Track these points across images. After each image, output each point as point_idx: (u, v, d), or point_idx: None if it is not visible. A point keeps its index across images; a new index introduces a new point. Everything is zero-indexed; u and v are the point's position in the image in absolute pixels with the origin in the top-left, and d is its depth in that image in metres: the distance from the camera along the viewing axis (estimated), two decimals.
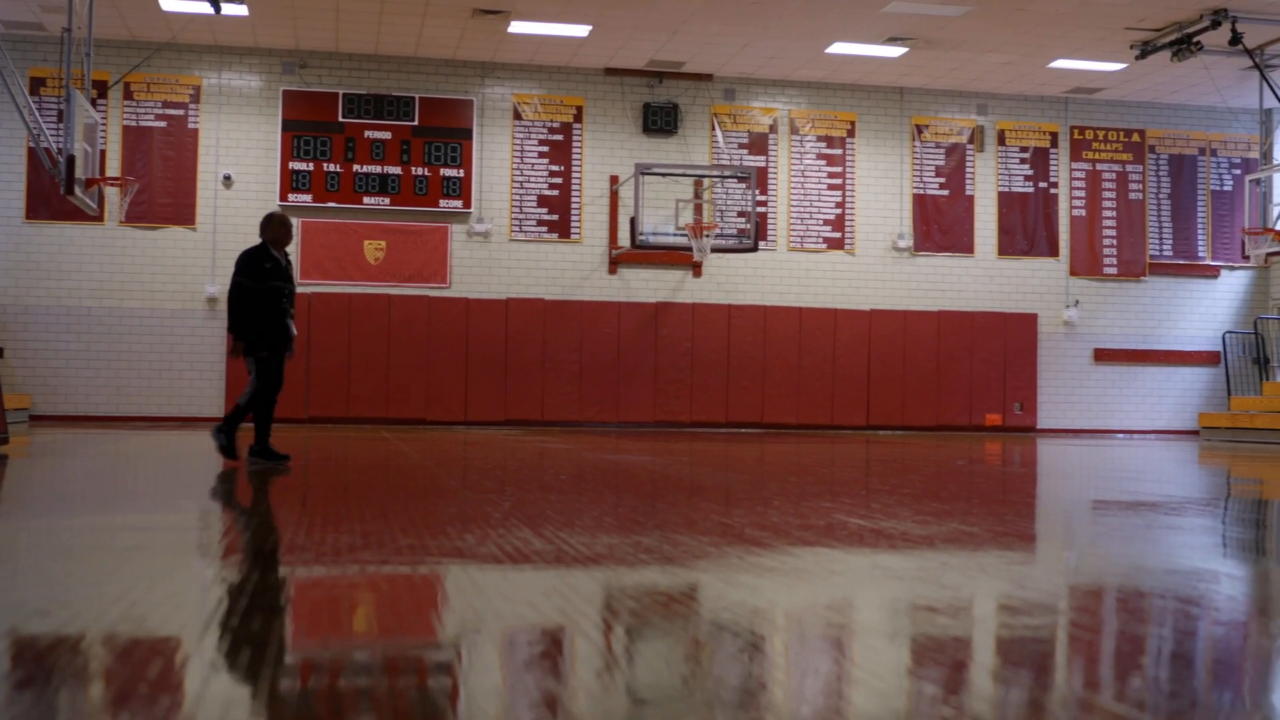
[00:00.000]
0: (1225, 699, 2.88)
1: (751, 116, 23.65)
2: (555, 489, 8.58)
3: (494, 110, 22.92)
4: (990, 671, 3.07)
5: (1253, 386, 24.81)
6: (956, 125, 24.31)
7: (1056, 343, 24.64)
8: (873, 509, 7.09)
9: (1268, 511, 8.33)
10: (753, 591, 4.19)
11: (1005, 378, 24.31)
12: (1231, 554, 5.89)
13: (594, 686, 2.86)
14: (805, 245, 23.76)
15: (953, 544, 5.60)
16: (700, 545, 5.30)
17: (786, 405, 23.54)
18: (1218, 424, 23.10)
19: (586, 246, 23.16)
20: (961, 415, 24.12)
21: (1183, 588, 4.55)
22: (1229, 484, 11.00)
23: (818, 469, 11.80)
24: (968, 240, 24.31)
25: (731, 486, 9.23)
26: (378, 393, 22.24)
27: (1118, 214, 24.79)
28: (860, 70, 22.95)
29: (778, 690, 2.87)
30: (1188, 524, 7.03)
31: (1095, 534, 6.52)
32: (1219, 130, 25.11)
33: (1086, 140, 24.71)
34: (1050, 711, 2.65)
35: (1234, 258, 24.99)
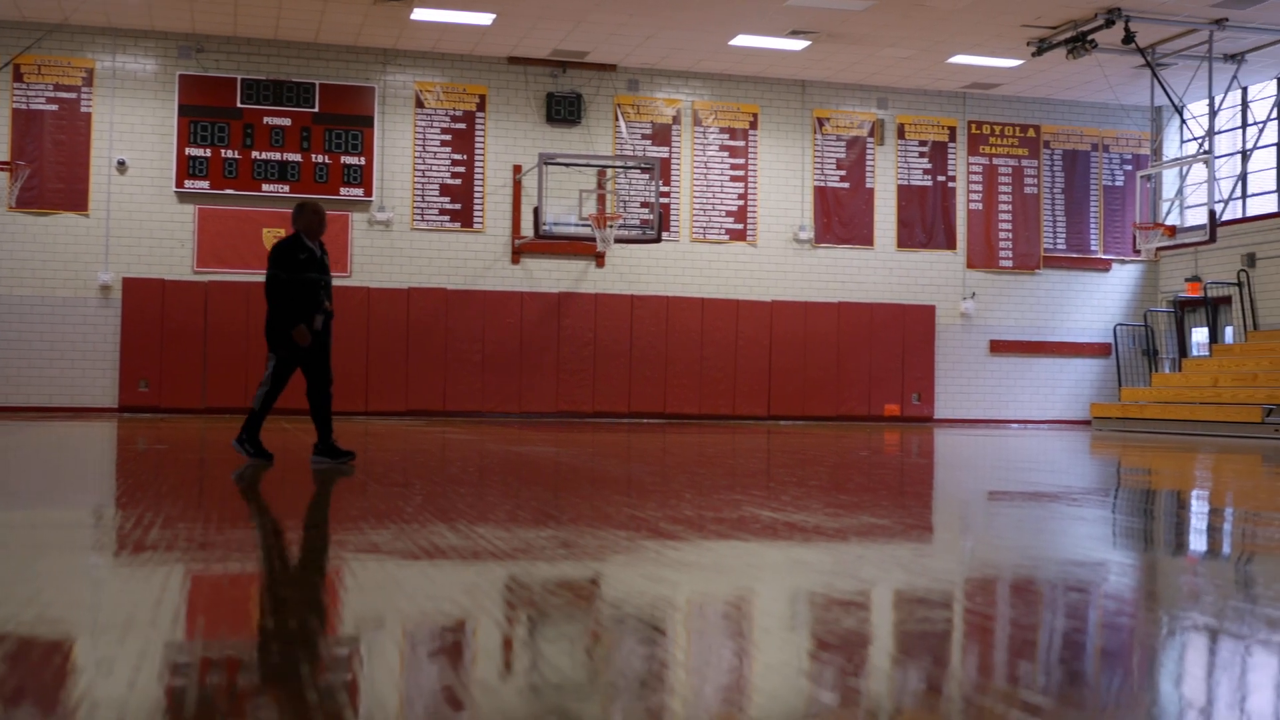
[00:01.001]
0: (1114, 684, 2.94)
1: (655, 107, 23.69)
2: (464, 482, 8.53)
3: (396, 98, 22.71)
4: (910, 661, 3.11)
5: (1142, 377, 25.41)
6: (857, 119, 24.56)
7: (953, 334, 25.02)
8: (783, 501, 7.15)
9: (1157, 501, 8.53)
10: (674, 586, 4.20)
11: (903, 368, 24.64)
12: (1124, 543, 6.03)
13: (518, 681, 2.85)
14: (708, 236, 23.87)
15: (865, 537, 5.67)
16: (616, 539, 5.30)
17: (688, 396, 23.64)
18: (1109, 414, 23.61)
19: (489, 236, 23.06)
20: (861, 406, 24.40)
21: (1079, 577, 4.65)
22: (1120, 474, 11.24)
23: (723, 460, 11.87)
24: (867, 233, 24.58)
25: (640, 479, 9.25)
26: None
27: (1013, 208, 25.22)
28: (763, 63, 23.09)
29: (704, 686, 2.88)
30: (1083, 514, 7.18)
31: (998, 525, 6.63)
32: (1111, 127, 25.65)
33: (984, 135, 25.11)
34: (967, 697, 2.69)
35: (1125, 252, 25.56)
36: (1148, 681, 3.04)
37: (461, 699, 2.70)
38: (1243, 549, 5.89)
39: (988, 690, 2.84)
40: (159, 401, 21.57)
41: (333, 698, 2.69)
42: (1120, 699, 2.83)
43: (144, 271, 21.68)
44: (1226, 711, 2.75)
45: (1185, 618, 3.77)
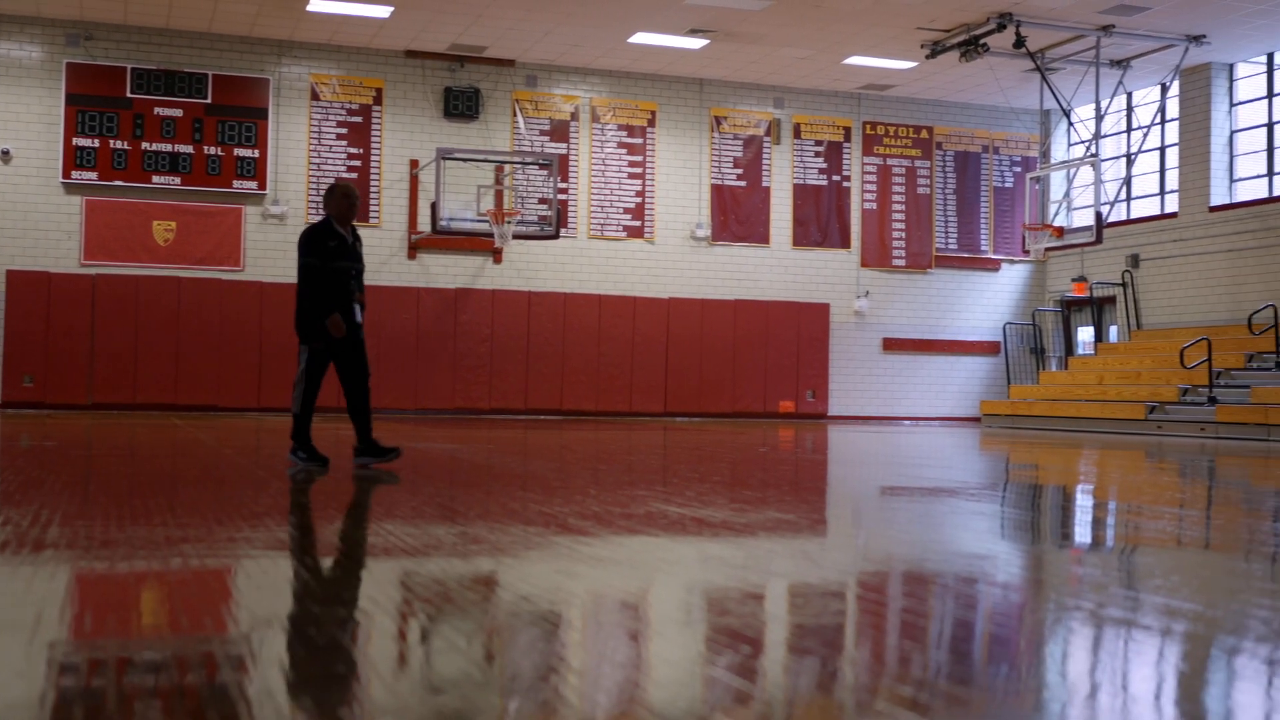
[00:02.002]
0: (1002, 671, 3.01)
1: (553, 104, 23.65)
2: (368, 478, 8.45)
3: (291, 90, 22.40)
4: (826, 651, 3.16)
5: (1030, 375, 25.92)
6: (754, 118, 24.74)
7: (847, 332, 25.31)
8: (687, 497, 7.18)
9: (1045, 495, 8.73)
10: (589, 581, 4.21)
11: (798, 366, 24.87)
12: (1013, 536, 6.16)
13: (422, 677, 2.84)
14: (605, 233, 23.89)
15: (773, 532, 5.72)
16: (526, 535, 5.29)
17: (585, 392, 23.64)
18: (998, 411, 24.06)
19: (385, 231, 22.85)
20: (756, 402, 24.59)
21: (972, 569, 4.75)
22: (1009, 470, 11.46)
23: (624, 457, 11.90)
24: (764, 231, 24.77)
25: (543, 475, 9.24)
26: (166, 378, 21.56)
27: (906, 208, 25.58)
28: (661, 60, 23.16)
29: (623, 679, 2.89)
30: (974, 508, 7.32)
31: (898, 519, 6.72)
32: (1001, 129, 26.13)
33: (878, 135, 25.43)
34: (879, 683, 2.74)
35: (1014, 252, 26.05)
36: (1035, 668, 3.11)
37: (359, 696, 2.68)
38: (1126, 541, 6.04)
39: (900, 677, 2.89)
40: (44, 397, 21.05)
41: (227, 697, 2.65)
42: (1008, 685, 2.90)
43: (29, 264, 21.15)
44: (1109, 696, 2.82)
45: (1071, 607, 3.86)
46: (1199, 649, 3.31)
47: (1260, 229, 21.74)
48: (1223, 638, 3.41)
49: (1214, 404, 19.65)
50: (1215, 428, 19.11)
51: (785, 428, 20.83)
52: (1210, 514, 7.55)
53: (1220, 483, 10.26)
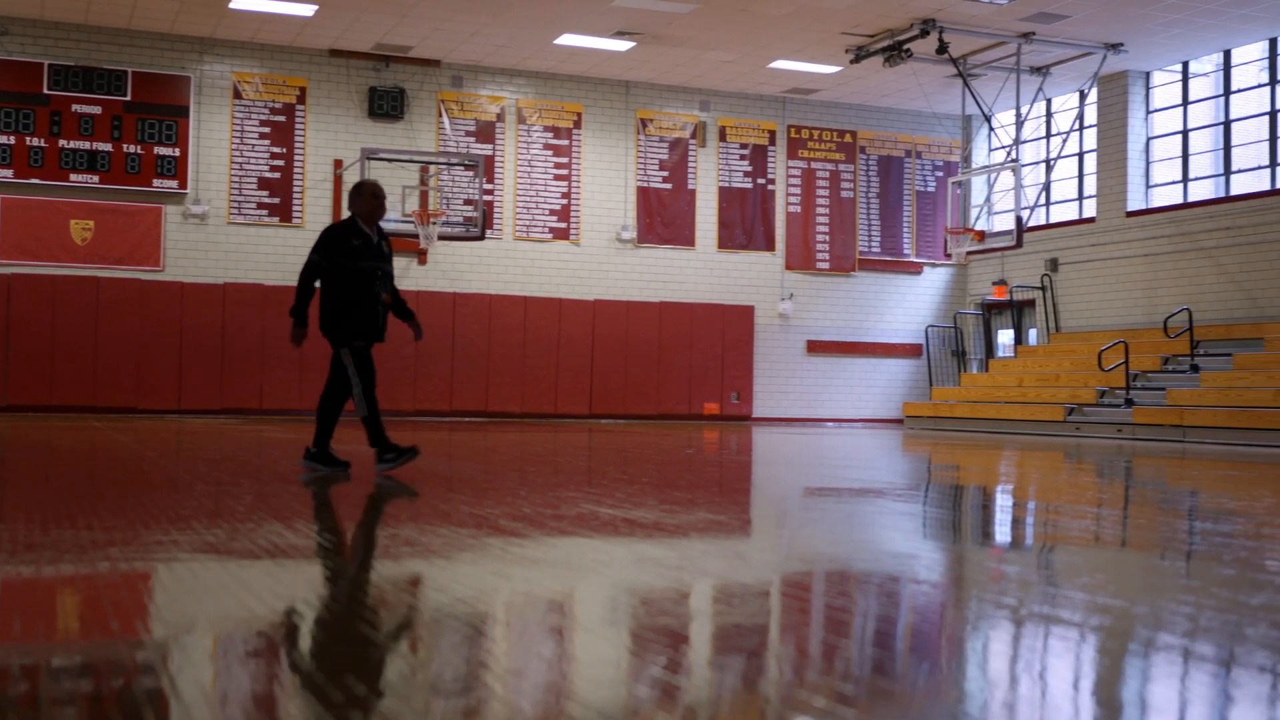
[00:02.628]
0: (924, 667, 3.07)
1: (479, 104, 23.58)
2: (293, 480, 8.38)
3: (213, 88, 22.15)
4: (763, 650, 3.19)
5: (952, 378, 26.23)
6: (680, 120, 24.82)
7: (772, 334, 25.47)
8: (618, 498, 7.20)
9: (965, 496, 8.85)
10: (525, 582, 4.22)
11: (723, 368, 24.98)
12: (935, 535, 6.25)
13: (353, 681, 2.83)
14: (531, 235, 23.86)
15: (706, 532, 5.76)
16: (459, 537, 5.28)
17: (510, 394, 23.59)
18: (920, 413, 24.32)
19: (309, 231, 22.62)
20: (681, 404, 24.67)
21: (900, 568, 4.81)
22: (930, 471, 11.60)
23: (553, 458, 11.90)
24: (689, 233, 24.86)
25: (473, 477, 9.22)
26: (84, 379, 21.22)
27: (830, 211, 25.79)
28: (588, 62, 23.17)
29: (561, 679, 2.91)
30: (900, 509, 7.41)
31: (828, 519, 6.78)
32: (924, 134, 26.42)
33: (802, 139, 25.61)
34: (816, 682, 2.78)
35: (936, 255, 26.35)
36: (957, 663, 3.16)
37: (285, 700, 2.67)
38: (1046, 539, 6.15)
39: (830, 673, 2.93)
40: None
41: (149, 703, 2.63)
42: (931, 680, 2.95)
43: None
44: (1030, 690, 2.87)
45: (993, 604, 3.92)
46: (1117, 644, 3.38)
47: (1175, 234, 22.16)
48: (1140, 633, 3.49)
49: (1131, 406, 20.00)
50: (1132, 429, 19.45)
51: (710, 429, 20.92)
52: (1127, 513, 7.69)
53: (1137, 483, 10.46)
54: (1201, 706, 2.78)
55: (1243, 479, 10.57)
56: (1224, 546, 5.65)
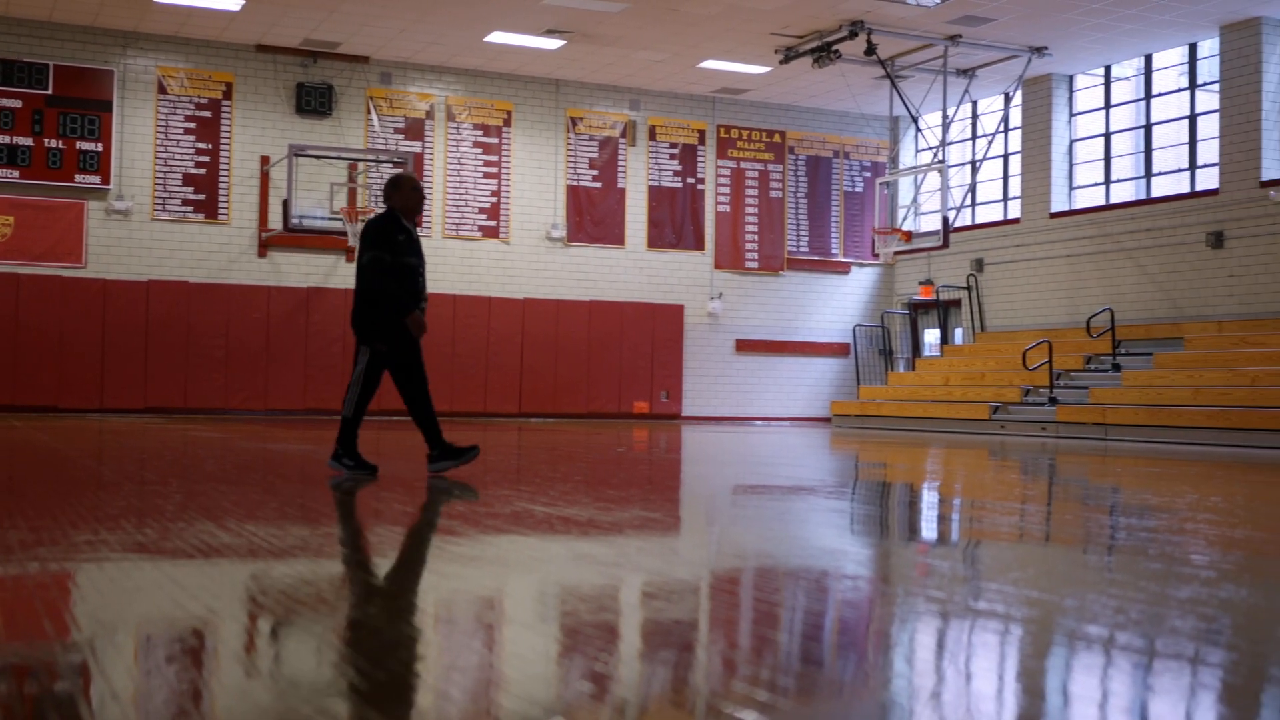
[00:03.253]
0: (851, 662, 3.11)
1: (408, 102, 23.46)
2: (223, 479, 8.30)
3: (137, 83, 21.85)
4: (699, 644, 3.22)
5: (879, 376, 26.47)
6: (610, 119, 24.84)
7: (701, 333, 25.56)
8: (552, 496, 7.21)
9: (892, 493, 8.95)
10: (463, 580, 4.21)
11: (652, 366, 25.04)
12: (862, 531, 6.32)
13: (284, 682, 2.82)
14: (460, 233, 23.78)
15: (642, 529, 5.78)
16: (394, 535, 5.27)
17: (439, 392, 23.26)
18: (848, 411, 24.51)
19: (235, 228, 22.42)
20: (611, 403, 24.69)
21: (829, 564, 4.86)
22: (858, 468, 11.70)
23: (484, 456, 11.86)
24: (619, 232, 24.89)
25: (404, 475, 9.17)
26: (3, 378, 20.87)
27: (759, 211, 25.93)
28: (518, 60, 23.12)
29: (503, 677, 2.91)
30: (829, 506, 7.48)
31: (759, 516, 6.82)
32: (852, 134, 26.63)
33: (732, 139, 25.73)
34: (755, 674, 2.81)
35: (864, 255, 26.57)
36: (884, 656, 3.21)
37: (209, 702, 2.66)
38: (972, 535, 6.23)
39: (768, 666, 2.96)
40: None
41: (70, 703, 2.60)
42: (858, 673, 2.99)
43: None
44: (955, 682, 2.92)
45: (919, 598, 3.98)
46: (1045, 637, 3.44)
47: (1098, 235, 22.51)
48: (1068, 626, 3.55)
49: (1054, 404, 20.29)
50: (1056, 427, 19.73)
51: (640, 428, 20.95)
52: (1051, 509, 7.81)
53: (1061, 480, 10.61)
54: (1129, 697, 2.84)
55: (1164, 476, 10.76)
56: (1149, 541, 5.76)
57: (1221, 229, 20.36)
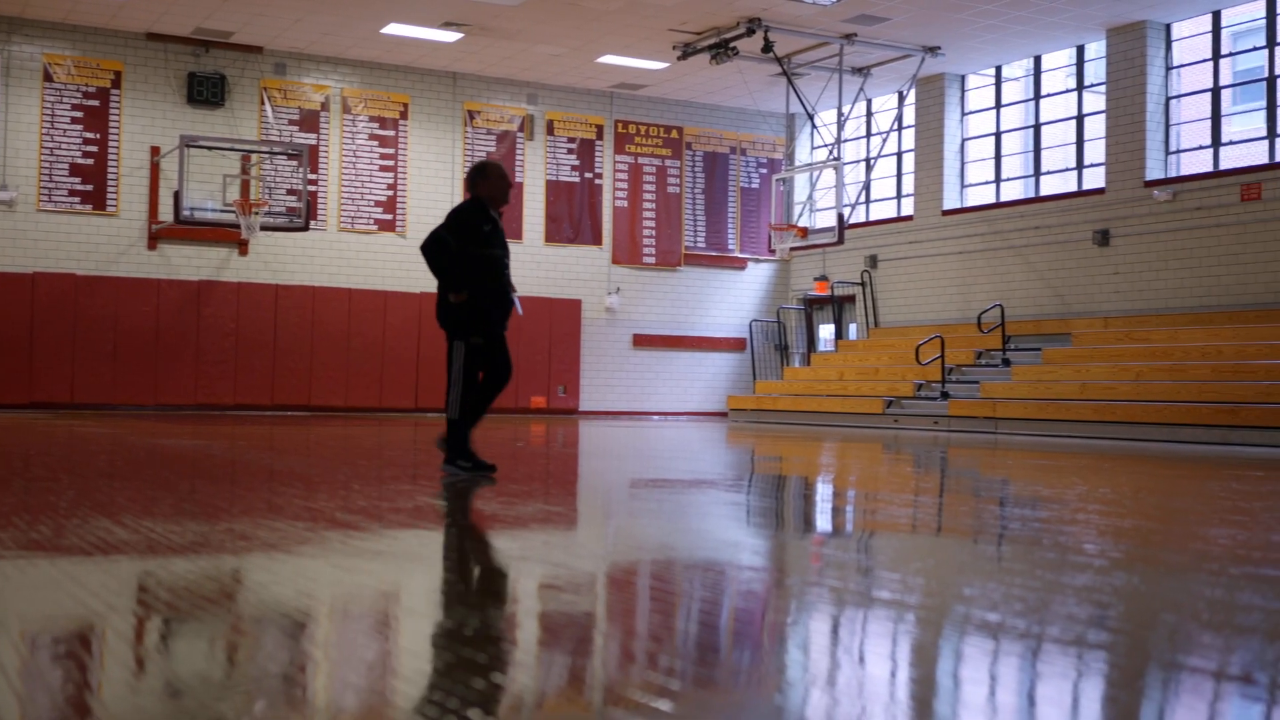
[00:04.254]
0: (746, 653, 3.16)
1: (303, 93, 23.17)
2: (115, 475, 8.16)
3: (21, 70, 21.31)
4: (605, 634, 3.24)
5: (775, 371, 26.70)
6: (508, 113, 24.76)
7: (599, 328, 25.58)
8: (454, 491, 7.18)
9: (788, 486, 9.06)
10: (370, 575, 4.19)
11: (550, 361, 25.01)
12: (758, 524, 6.40)
13: (186, 681, 2.80)
14: (356, 226, 23.55)
15: (546, 524, 5.79)
16: (297, 530, 5.22)
17: (334, 388, 23.25)
18: (744, 406, 24.70)
19: (124, 220, 21.98)
20: (507, 398, 24.59)
21: (729, 557, 4.92)
22: (754, 462, 11.82)
23: (383, 452, 11.78)
24: (516, 227, 24.81)
25: (301, 471, 9.08)
26: None
27: (657, 206, 26.01)
28: (415, 53, 22.95)
29: (407, 669, 2.91)
30: (726, 498, 7.55)
31: (662, 509, 6.86)
32: (749, 131, 26.82)
33: (630, 134, 25.78)
34: (667, 663, 2.84)
35: (760, 251, 26.78)
36: (779, 647, 3.26)
37: (114, 694, 2.63)
38: (866, 527, 6.33)
39: (679, 654, 2.99)
40: None
41: None
42: (754, 662, 3.03)
43: None
44: (849, 671, 2.97)
45: (814, 589, 4.04)
46: (941, 626, 3.51)
47: (988, 232, 22.92)
48: (965, 614, 3.63)
49: (947, 399, 20.63)
50: (948, 421, 20.07)
51: (537, 423, 20.93)
52: (943, 501, 7.96)
53: (953, 472, 10.81)
54: (1021, 680, 2.91)
55: (1053, 468, 11.00)
56: (1043, 532, 5.90)
57: (1107, 227, 20.84)
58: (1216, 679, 2.87)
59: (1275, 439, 15.45)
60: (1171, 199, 19.94)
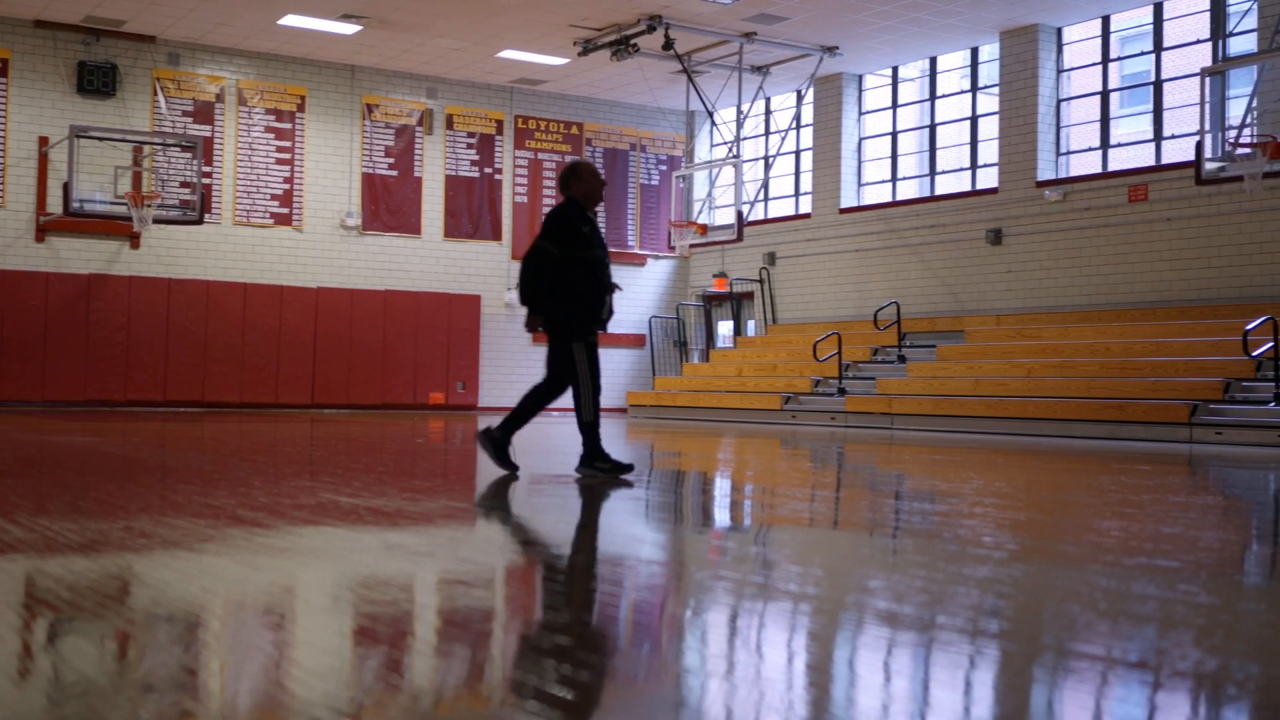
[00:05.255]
0: (645, 648, 3.20)
1: (197, 84, 22.79)
2: (5, 473, 7.98)
3: None
4: (508, 630, 3.26)
5: (674, 367, 26.82)
6: (407, 107, 24.57)
7: (498, 324, 25.50)
8: (356, 487, 7.14)
9: (687, 481, 9.12)
10: (276, 572, 4.16)
11: (449, 357, 24.88)
12: (658, 519, 6.45)
13: (70, 683, 2.77)
14: (252, 220, 23.23)
15: (452, 520, 5.78)
16: (198, 528, 5.15)
17: (229, 383, 22.91)
18: (644, 402, 24.78)
19: (10, 211, 21.47)
20: (406, 394, 24.45)
21: (632, 552, 4.96)
22: (654, 458, 11.87)
23: (281, 448, 11.65)
24: (415, 221, 24.66)
25: (201, 467, 8.96)
26: None
27: (556, 202, 25.92)
28: (312, 44, 22.69)
29: (318, 666, 2.90)
30: (629, 494, 7.59)
31: (563, 505, 6.87)
32: (649, 128, 26.89)
33: (530, 130, 25.72)
34: (577, 654, 2.86)
35: (660, 248, 26.88)
36: (677, 641, 3.30)
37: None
38: (764, 521, 6.41)
39: (590, 647, 3.02)
40: None
41: None
42: (651, 662, 3.07)
43: None
44: (747, 666, 3.02)
45: (712, 585, 4.09)
46: (830, 620, 3.57)
47: (884, 230, 23.23)
48: (850, 608, 3.69)
49: (844, 395, 20.88)
50: (845, 417, 20.31)
51: (436, 419, 20.82)
52: (839, 496, 8.06)
53: (849, 468, 10.95)
54: (927, 672, 2.97)
55: (948, 463, 11.20)
56: (942, 525, 6.01)
57: (1000, 226, 21.23)
58: (1115, 666, 2.96)
59: (1160, 434, 15.86)
60: (1062, 199, 20.37)
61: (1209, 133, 15.66)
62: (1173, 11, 19.70)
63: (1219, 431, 15.40)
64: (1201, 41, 19.14)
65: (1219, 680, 2.84)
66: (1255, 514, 7.54)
